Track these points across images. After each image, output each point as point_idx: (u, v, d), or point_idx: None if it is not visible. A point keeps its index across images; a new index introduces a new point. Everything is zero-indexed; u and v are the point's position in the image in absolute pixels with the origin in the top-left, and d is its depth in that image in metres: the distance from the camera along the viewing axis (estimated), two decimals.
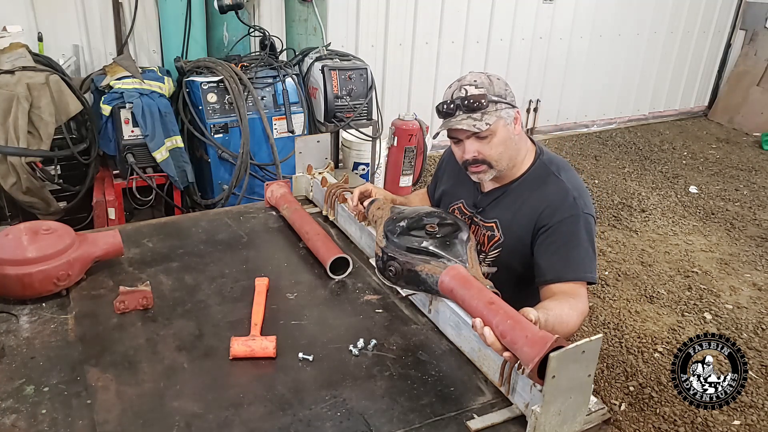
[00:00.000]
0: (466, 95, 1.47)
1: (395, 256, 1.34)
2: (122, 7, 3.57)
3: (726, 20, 6.48)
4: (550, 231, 1.51)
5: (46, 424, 1.05)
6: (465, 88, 1.49)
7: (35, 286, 1.36)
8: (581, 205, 1.51)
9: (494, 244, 1.63)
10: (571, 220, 1.50)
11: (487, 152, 1.51)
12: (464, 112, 1.47)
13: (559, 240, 1.49)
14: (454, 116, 1.49)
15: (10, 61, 2.77)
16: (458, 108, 1.47)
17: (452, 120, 1.49)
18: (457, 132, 1.52)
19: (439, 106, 1.51)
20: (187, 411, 1.09)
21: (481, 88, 1.48)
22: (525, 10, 5.07)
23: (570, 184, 1.55)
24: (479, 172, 1.55)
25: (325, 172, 2.03)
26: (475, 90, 1.48)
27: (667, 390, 2.58)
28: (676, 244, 3.91)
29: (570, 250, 1.48)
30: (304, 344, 1.29)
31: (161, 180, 3.10)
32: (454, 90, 1.51)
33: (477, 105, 1.46)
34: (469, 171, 1.57)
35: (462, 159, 1.55)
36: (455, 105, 1.48)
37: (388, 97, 4.66)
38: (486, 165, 1.53)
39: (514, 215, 1.59)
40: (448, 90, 1.54)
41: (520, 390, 1.12)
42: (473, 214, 1.68)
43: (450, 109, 1.49)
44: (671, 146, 5.86)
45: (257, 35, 3.75)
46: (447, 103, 1.50)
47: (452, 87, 1.53)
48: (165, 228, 1.81)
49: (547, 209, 1.52)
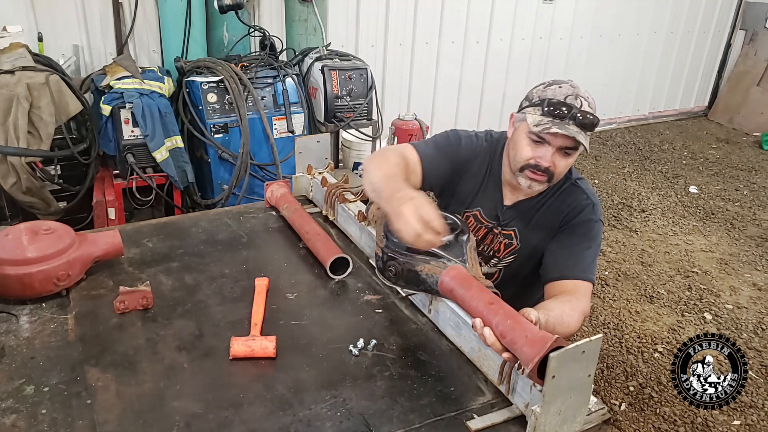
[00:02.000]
0: (583, 109, 1.43)
1: (395, 256, 1.34)
2: (122, 7, 3.56)
3: (726, 20, 6.48)
4: (568, 230, 1.56)
5: (46, 424, 1.05)
6: (582, 100, 1.44)
7: (35, 286, 1.36)
8: (597, 213, 1.57)
9: (511, 251, 1.65)
10: (588, 225, 1.55)
11: (559, 168, 1.50)
12: (575, 124, 1.43)
13: (573, 240, 1.53)
14: (564, 120, 1.43)
15: (10, 61, 2.77)
16: (574, 117, 1.42)
17: (567, 126, 1.42)
18: (554, 138, 1.45)
19: (555, 104, 1.43)
20: (187, 411, 1.09)
21: (592, 108, 1.45)
22: (525, 10, 5.07)
23: (587, 192, 1.60)
24: (536, 181, 1.51)
25: (325, 172, 2.03)
26: (588, 108, 1.44)
27: (667, 390, 2.58)
28: (676, 244, 3.91)
29: (582, 251, 1.52)
30: (304, 344, 1.29)
31: (161, 180, 3.10)
32: (568, 94, 1.45)
33: (590, 124, 1.43)
34: (525, 173, 1.52)
35: (533, 161, 1.49)
36: (572, 113, 1.42)
37: (388, 97, 4.66)
38: (547, 177, 1.50)
39: (534, 224, 1.62)
40: (557, 89, 1.47)
41: (520, 390, 1.12)
42: (493, 226, 1.66)
43: (563, 113, 1.43)
44: (671, 146, 5.86)
45: (257, 35, 3.75)
46: (566, 106, 1.43)
47: (563, 89, 1.46)
48: (165, 228, 1.81)
49: (568, 215, 1.57)
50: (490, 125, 5.39)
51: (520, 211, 1.63)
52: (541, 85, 1.52)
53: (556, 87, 1.48)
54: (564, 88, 1.47)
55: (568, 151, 1.47)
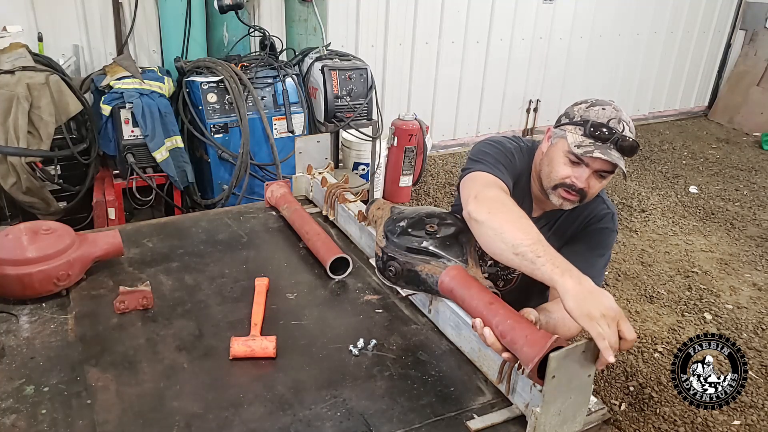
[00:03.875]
0: (624, 133, 1.41)
1: (395, 256, 1.34)
2: (122, 7, 3.56)
3: (726, 20, 6.48)
4: (584, 235, 1.57)
5: (46, 424, 1.05)
6: (624, 124, 1.42)
7: (35, 286, 1.36)
8: (615, 222, 1.59)
9: None
10: (604, 233, 1.57)
11: (593, 189, 1.48)
12: (616, 148, 1.41)
13: (590, 245, 1.55)
14: (606, 144, 1.41)
15: (10, 61, 2.77)
16: (615, 142, 1.40)
17: (609, 151, 1.40)
18: (596, 162, 1.43)
19: (597, 128, 1.41)
20: (187, 411, 1.09)
21: (633, 134, 1.44)
22: (525, 10, 5.07)
23: (607, 201, 1.61)
24: (568, 200, 1.50)
25: (325, 172, 2.03)
26: (629, 132, 1.43)
27: (667, 390, 2.58)
28: (676, 244, 3.91)
29: (596, 257, 1.54)
30: (304, 344, 1.29)
31: (161, 180, 3.10)
32: (611, 117, 1.43)
33: (631, 150, 1.42)
34: (558, 192, 1.50)
35: (568, 181, 1.47)
36: (615, 138, 1.40)
37: (388, 97, 4.66)
38: (580, 198, 1.49)
39: (555, 230, 1.63)
40: (601, 111, 1.44)
41: (520, 390, 1.12)
42: None
43: (605, 136, 1.41)
44: (671, 146, 5.86)
45: (257, 35, 3.75)
46: (607, 129, 1.41)
47: (607, 111, 1.44)
48: (165, 228, 1.81)
49: (586, 221, 1.58)
50: (490, 125, 5.40)
51: (544, 222, 1.64)
52: (583, 104, 1.49)
53: (600, 108, 1.45)
54: (608, 110, 1.44)
55: (604, 173, 1.46)
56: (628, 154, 1.43)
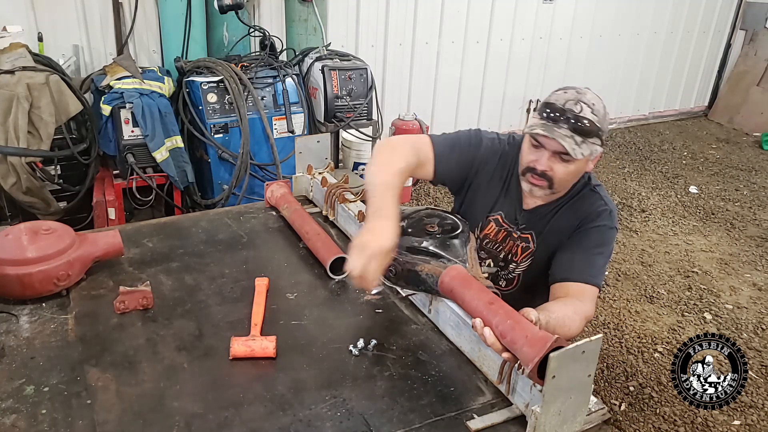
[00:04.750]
0: (580, 114, 1.41)
1: (395, 256, 1.34)
2: (122, 7, 3.56)
3: (726, 20, 6.48)
4: (582, 233, 1.55)
5: (46, 424, 1.05)
6: (582, 105, 1.42)
7: (35, 286, 1.36)
8: (613, 220, 1.57)
9: (528, 254, 1.64)
10: (602, 230, 1.54)
11: (558, 174, 1.48)
12: (569, 129, 1.41)
13: (588, 243, 1.53)
14: (557, 125, 1.42)
15: (10, 61, 2.77)
16: (566, 121, 1.41)
17: (555, 129, 1.41)
18: (548, 141, 1.44)
19: (547, 107, 1.44)
20: (187, 411, 1.09)
21: (595, 116, 1.42)
22: (525, 10, 5.07)
23: (605, 199, 1.59)
24: (536, 185, 1.51)
25: (325, 172, 2.03)
26: (590, 114, 1.42)
27: (667, 390, 2.58)
28: (676, 244, 3.91)
29: (594, 255, 1.51)
30: (304, 344, 1.29)
31: (161, 180, 3.10)
32: (569, 99, 1.43)
33: (585, 131, 1.41)
34: (526, 177, 1.52)
35: (530, 164, 1.50)
36: (566, 117, 1.41)
37: (388, 97, 4.66)
38: (547, 183, 1.50)
39: (551, 227, 1.61)
40: (562, 94, 1.45)
41: (520, 390, 1.12)
42: (513, 230, 1.65)
43: (557, 117, 1.42)
44: (671, 146, 5.86)
45: (257, 35, 3.75)
46: (558, 110, 1.42)
47: (568, 94, 1.45)
48: (165, 228, 1.81)
49: (585, 217, 1.56)
50: (490, 125, 5.39)
51: (537, 216, 1.62)
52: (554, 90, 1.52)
53: (562, 92, 1.47)
54: (569, 93, 1.45)
55: (565, 157, 1.44)
56: (585, 135, 1.42)
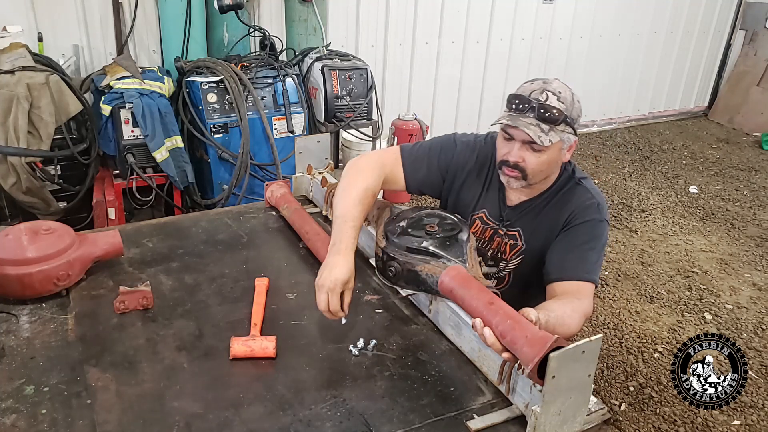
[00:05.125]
0: (545, 102, 1.42)
1: (395, 256, 1.34)
2: (122, 7, 3.56)
3: (726, 20, 6.48)
4: (571, 230, 1.53)
5: (46, 424, 1.05)
6: (548, 93, 1.43)
7: (35, 286, 1.36)
8: (603, 212, 1.55)
9: (516, 252, 1.63)
10: (592, 224, 1.52)
11: (530, 164, 1.47)
12: (535, 117, 1.42)
13: (578, 240, 1.51)
14: (523, 114, 1.43)
15: (10, 61, 2.76)
16: (532, 110, 1.42)
17: (520, 119, 1.42)
18: (515, 132, 1.45)
19: (513, 98, 1.45)
20: (187, 411, 1.09)
21: (562, 103, 1.43)
22: (525, 10, 5.07)
23: (592, 191, 1.58)
24: (511, 177, 1.52)
25: (325, 172, 2.03)
26: (556, 102, 1.43)
27: (667, 390, 2.58)
28: (676, 244, 3.91)
29: (586, 251, 1.50)
30: (304, 344, 1.29)
31: (161, 180, 3.10)
32: (535, 89, 1.44)
33: (551, 118, 1.41)
34: (502, 170, 1.54)
35: (503, 157, 1.51)
36: (531, 106, 1.42)
37: (388, 97, 4.66)
38: (521, 174, 1.50)
39: (538, 223, 1.60)
40: (529, 85, 1.47)
41: (520, 390, 1.12)
42: (498, 227, 1.65)
43: (523, 107, 1.43)
44: (671, 146, 5.86)
45: (257, 35, 3.75)
46: (523, 100, 1.43)
47: (534, 84, 1.46)
48: (165, 228, 1.81)
49: (572, 214, 1.54)
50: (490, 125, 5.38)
51: (523, 212, 1.62)
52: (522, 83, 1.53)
53: (529, 83, 1.48)
54: (535, 84, 1.46)
55: (534, 146, 1.44)
56: (551, 122, 1.42)
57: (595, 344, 1.01)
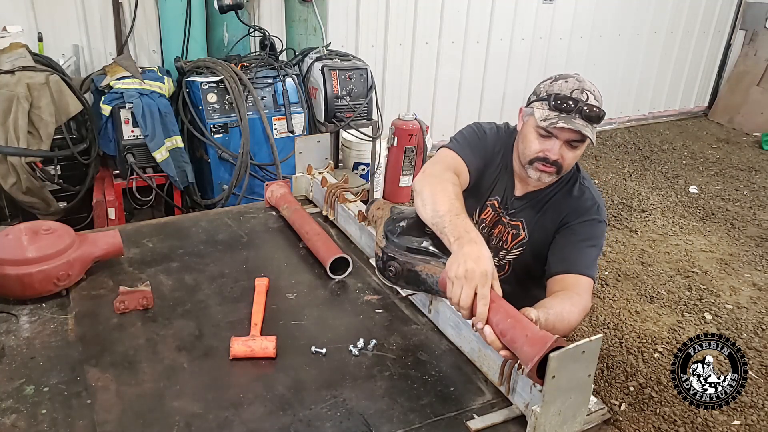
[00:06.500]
0: (589, 102, 1.46)
1: (395, 256, 1.34)
2: (122, 7, 3.56)
3: (726, 20, 6.48)
4: (570, 229, 1.58)
5: (46, 424, 1.05)
6: (587, 93, 1.47)
7: (35, 286, 1.36)
8: (602, 213, 1.61)
9: (518, 242, 1.68)
10: (592, 224, 1.58)
11: (567, 160, 1.53)
12: (582, 117, 1.46)
13: (578, 237, 1.56)
14: (571, 115, 1.46)
15: (10, 61, 2.76)
16: (580, 111, 1.45)
17: (573, 120, 1.46)
18: (560, 131, 1.48)
19: (559, 99, 1.47)
20: (187, 411, 1.09)
21: (598, 101, 1.48)
22: (525, 10, 5.07)
23: (593, 193, 1.64)
24: (545, 172, 1.55)
25: (325, 172, 2.03)
26: (594, 101, 1.48)
27: (667, 390, 2.58)
28: (676, 244, 3.91)
29: (585, 248, 1.54)
30: (304, 344, 1.29)
31: (161, 180, 3.10)
32: (574, 88, 1.48)
33: (597, 118, 1.47)
34: (534, 166, 1.55)
35: (540, 154, 1.53)
36: (579, 107, 1.45)
37: (388, 97, 4.66)
38: (556, 169, 1.54)
39: (540, 216, 1.65)
40: (564, 84, 1.50)
41: (520, 390, 1.12)
42: (503, 215, 1.70)
43: (570, 107, 1.46)
44: (671, 146, 5.86)
45: (257, 35, 3.75)
46: (571, 100, 1.46)
47: (569, 83, 1.49)
48: (165, 228, 1.81)
49: (573, 212, 1.60)
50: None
51: (528, 203, 1.67)
52: (549, 80, 1.55)
53: (563, 81, 1.51)
54: (570, 82, 1.50)
55: (575, 143, 1.51)
56: (595, 122, 1.48)
57: (595, 344, 1.01)
